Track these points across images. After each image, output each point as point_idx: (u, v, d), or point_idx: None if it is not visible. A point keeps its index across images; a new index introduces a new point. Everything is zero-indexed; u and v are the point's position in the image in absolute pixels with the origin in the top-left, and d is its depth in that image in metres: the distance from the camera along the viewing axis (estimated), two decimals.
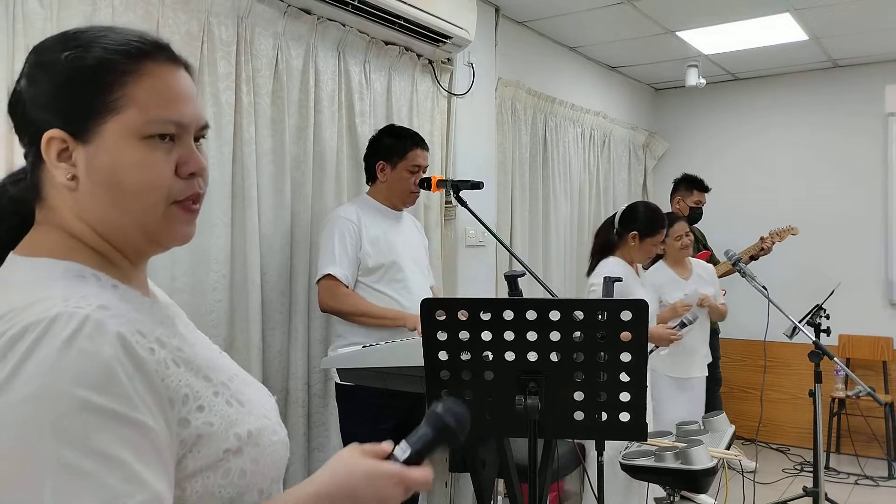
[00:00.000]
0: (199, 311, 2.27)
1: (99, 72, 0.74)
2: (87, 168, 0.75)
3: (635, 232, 3.06)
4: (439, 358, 1.51)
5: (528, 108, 3.97)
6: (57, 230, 0.77)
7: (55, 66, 0.75)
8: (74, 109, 0.75)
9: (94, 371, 0.63)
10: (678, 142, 5.53)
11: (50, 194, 0.78)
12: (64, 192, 0.76)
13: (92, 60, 0.75)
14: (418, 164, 2.54)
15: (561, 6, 3.69)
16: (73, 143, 0.74)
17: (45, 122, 0.74)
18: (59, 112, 0.75)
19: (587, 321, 1.47)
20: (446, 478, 3.10)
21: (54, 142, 0.74)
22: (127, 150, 0.75)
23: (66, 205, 0.77)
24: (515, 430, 1.49)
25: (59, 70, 0.75)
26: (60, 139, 0.74)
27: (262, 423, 0.81)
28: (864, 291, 4.72)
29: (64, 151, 0.75)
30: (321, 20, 2.66)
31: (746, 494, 3.08)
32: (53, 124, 0.74)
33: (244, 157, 2.39)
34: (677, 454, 2.27)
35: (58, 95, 0.75)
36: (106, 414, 0.63)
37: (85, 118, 0.75)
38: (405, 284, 2.48)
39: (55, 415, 0.61)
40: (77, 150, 0.75)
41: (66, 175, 0.75)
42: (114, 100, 0.74)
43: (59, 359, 0.63)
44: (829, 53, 4.60)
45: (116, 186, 0.75)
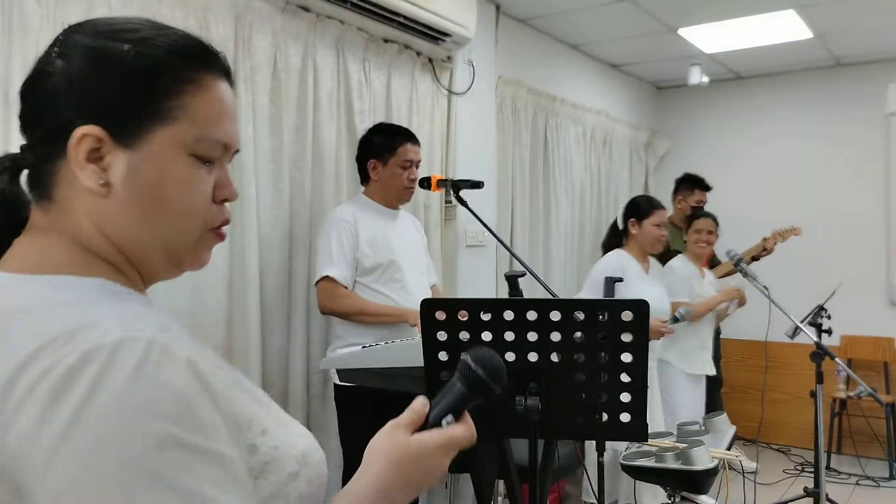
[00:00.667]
0: (197, 312, 2.26)
1: (158, 74, 0.67)
2: (127, 176, 0.67)
3: (633, 219, 3.14)
4: (439, 358, 1.50)
5: (528, 106, 3.95)
6: (67, 240, 0.68)
7: (112, 56, 0.66)
8: (124, 109, 0.66)
9: (169, 401, 0.57)
10: (680, 141, 5.52)
11: (65, 196, 0.68)
12: (87, 197, 0.67)
13: (153, 60, 0.67)
14: (409, 158, 2.52)
15: (562, 4, 3.68)
16: (109, 145, 0.66)
17: (80, 114, 0.66)
18: (103, 108, 0.66)
19: (588, 321, 1.46)
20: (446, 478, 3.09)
21: (87, 139, 0.65)
22: (175, 164, 0.68)
23: (86, 211, 0.68)
24: (516, 430, 1.48)
25: (116, 62, 0.66)
26: (96, 137, 0.66)
27: (308, 440, 0.75)
28: (866, 292, 4.71)
29: (94, 152, 0.66)
30: (320, 17, 2.65)
31: (747, 495, 3.07)
32: (90, 119, 0.65)
33: (242, 157, 2.38)
34: (678, 455, 2.26)
35: (107, 89, 0.66)
36: (188, 448, 0.56)
37: (134, 121, 0.67)
38: (403, 284, 2.47)
39: (135, 455, 0.54)
40: (114, 154, 0.66)
41: (96, 179, 0.66)
42: (168, 108, 0.67)
43: (131, 391, 0.55)
44: (832, 52, 4.59)
45: (158, 202, 0.68)
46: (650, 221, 3.11)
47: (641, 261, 3.15)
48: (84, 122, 0.65)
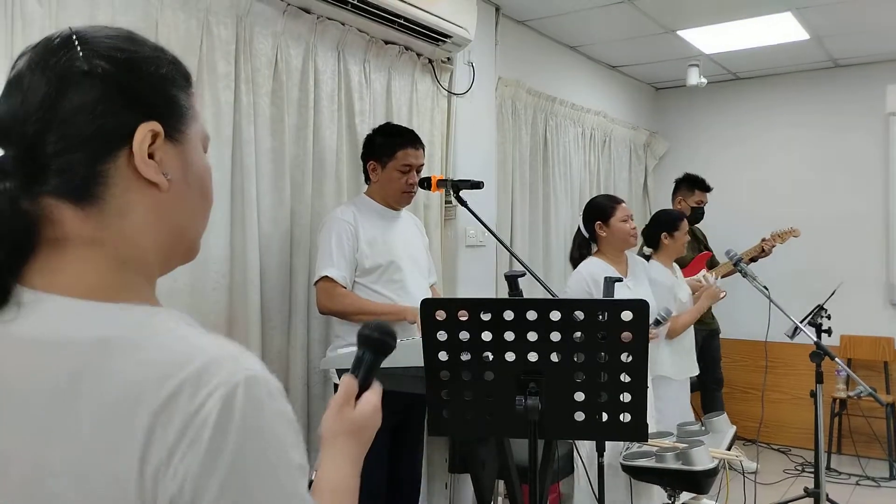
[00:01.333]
0: (198, 312, 2.26)
1: (181, 77, 0.75)
2: (184, 169, 0.73)
3: (598, 221, 2.95)
4: (439, 358, 1.50)
5: (528, 107, 3.96)
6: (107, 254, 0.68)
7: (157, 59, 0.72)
8: (172, 107, 0.72)
9: (292, 432, 0.65)
10: (679, 141, 5.52)
11: (117, 196, 0.68)
12: (145, 193, 0.70)
13: (176, 65, 0.75)
14: (409, 163, 2.49)
15: (561, 5, 3.69)
16: (161, 141, 0.70)
17: (136, 114, 0.69)
18: (155, 106, 0.71)
19: (588, 321, 1.46)
20: (446, 478, 3.09)
21: (148, 135, 0.69)
22: (203, 156, 0.77)
23: (144, 208, 0.70)
24: (516, 430, 1.48)
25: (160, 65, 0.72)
26: (154, 133, 0.69)
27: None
28: (866, 292, 4.72)
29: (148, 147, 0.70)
30: (320, 19, 2.66)
31: (747, 495, 3.07)
32: (145, 118, 0.69)
33: (243, 158, 2.38)
34: (678, 455, 2.27)
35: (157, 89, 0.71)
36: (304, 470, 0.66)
37: (180, 117, 0.73)
38: (402, 285, 2.47)
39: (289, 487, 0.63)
40: (164, 149, 0.70)
41: (162, 174, 0.70)
42: (190, 107, 0.75)
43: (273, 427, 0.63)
44: (830, 53, 4.59)
45: (203, 190, 0.77)
46: (617, 219, 2.94)
47: (617, 263, 2.97)
48: (140, 120, 0.69)
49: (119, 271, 0.69)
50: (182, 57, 0.78)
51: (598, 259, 2.96)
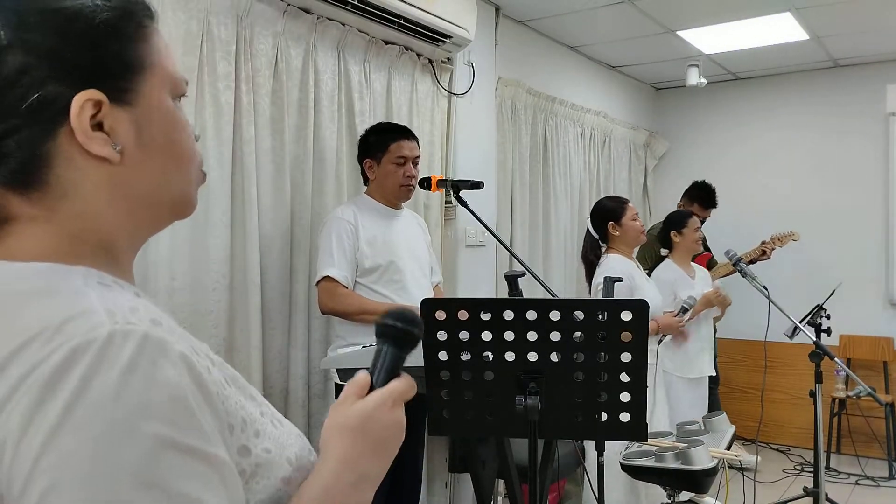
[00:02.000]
0: (198, 311, 2.26)
1: (128, 21, 0.64)
2: (137, 134, 0.64)
3: (611, 222, 3.13)
4: (439, 358, 1.50)
5: (528, 107, 3.96)
6: (57, 227, 0.62)
7: (83, 12, 0.61)
8: (112, 66, 0.62)
9: (164, 401, 0.54)
10: (679, 142, 5.53)
11: (62, 177, 0.61)
12: (94, 170, 0.62)
13: (120, 9, 0.64)
14: (403, 155, 2.50)
15: (561, 5, 3.69)
16: (107, 108, 0.62)
17: (67, 82, 0.60)
18: (92, 70, 0.61)
19: (587, 321, 1.47)
20: (446, 478, 3.09)
21: (88, 106, 0.60)
22: (169, 109, 0.67)
23: (95, 186, 0.63)
24: (515, 430, 1.48)
25: (86, 20, 0.61)
26: (95, 102, 0.61)
27: (301, 441, 0.72)
28: (865, 291, 4.72)
29: (92, 118, 0.61)
30: (321, 19, 2.66)
31: (747, 495, 3.08)
32: (81, 85, 0.60)
33: (244, 157, 2.38)
34: (678, 454, 2.27)
35: (90, 49, 0.61)
36: (184, 451, 0.54)
37: (125, 76, 0.63)
38: (403, 285, 2.47)
39: (128, 459, 0.51)
40: (113, 116, 0.62)
41: (111, 146, 0.62)
42: (144, 55, 0.65)
43: (124, 389, 0.52)
44: (829, 53, 4.60)
45: (170, 151, 0.67)
46: (627, 217, 3.13)
47: (631, 259, 3.18)
48: (77, 89, 0.60)
49: (70, 243, 0.63)
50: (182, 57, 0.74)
51: (617, 254, 3.14)
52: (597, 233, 3.19)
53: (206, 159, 2.25)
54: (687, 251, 3.63)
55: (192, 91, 2.22)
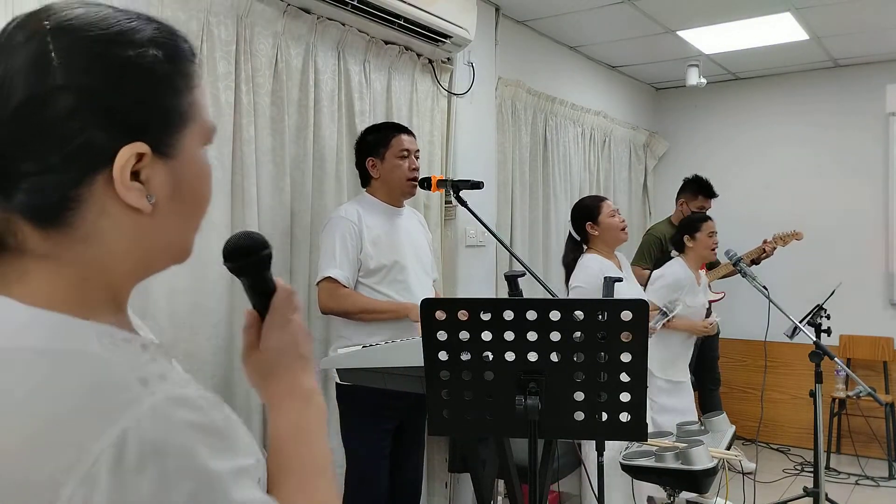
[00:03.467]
0: (198, 311, 2.26)
1: (178, 76, 0.64)
2: (173, 187, 0.64)
3: (589, 222, 3.04)
4: (439, 358, 1.50)
5: (528, 107, 3.97)
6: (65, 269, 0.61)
7: (143, 64, 0.61)
8: (160, 120, 0.62)
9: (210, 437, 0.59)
10: (679, 141, 5.53)
11: (89, 222, 0.61)
12: (123, 218, 0.62)
13: (174, 60, 0.63)
14: (405, 148, 2.51)
15: (561, 5, 3.69)
16: (148, 159, 0.61)
17: (115, 132, 0.60)
18: (141, 122, 0.61)
19: (587, 321, 1.47)
20: (446, 478, 3.09)
21: (132, 158, 0.60)
22: (202, 160, 0.68)
23: (120, 234, 0.62)
24: (515, 430, 1.49)
25: (142, 70, 0.61)
26: (138, 155, 0.60)
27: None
28: (865, 291, 4.72)
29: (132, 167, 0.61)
30: (321, 19, 2.66)
31: (747, 495, 3.08)
32: (129, 136, 0.60)
33: (244, 157, 2.39)
34: (678, 454, 2.27)
35: (145, 101, 0.61)
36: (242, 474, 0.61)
37: (171, 130, 0.63)
38: (406, 285, 2.47)
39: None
40: (151, 167, 0.62)
41: (146, 199, 0.62)
42: (188, 107, 0.65)
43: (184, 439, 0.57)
44: (829, 53, 4.60)
45: (197, 202, 0.68)
46: (605, 215, 3.03)
47: (611, 259, 3.07)
48: (124, 140, 0.60)
49: (80, 289, 0.62)
50: None
51: (594, 254, 3.04)
52: (578, 234, 3.11)
53: None
54: (699, 258, 3.53)
55: None
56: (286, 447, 0.74)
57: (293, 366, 0.78)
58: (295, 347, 0.78)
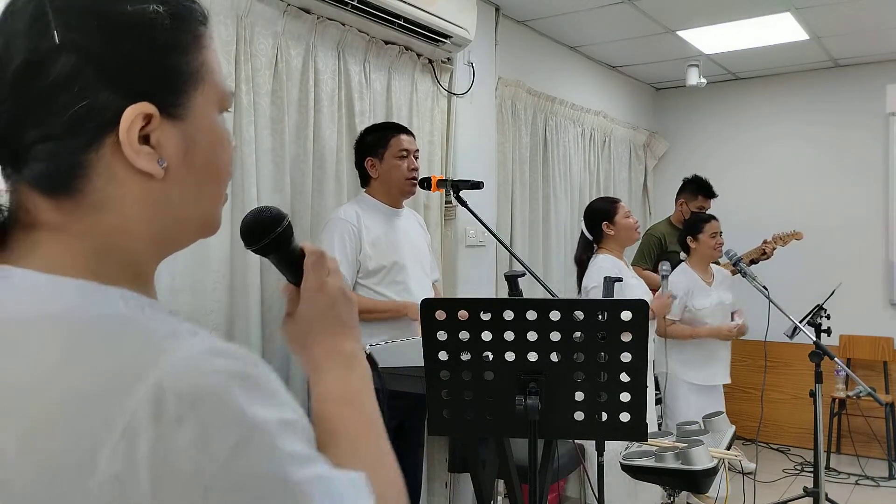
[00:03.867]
0: (198, 312, 2.26)
1: (187, 32, 0.62)
2: (185, 150, 0.61)
3: (605, 221, 3.12)
4: (439, 358, 1.50)
5: (528, 107, 3.97)
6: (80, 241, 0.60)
7: (144, 21, 0.59)
8: (168, 78, 0.60)
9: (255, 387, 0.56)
10: (679, 141, 5.53)
11: (100, 189, 0.59)
12: (134, 184, 0.60)
13: (180, 18, 0.61)
14: (404, 148, 2.52)
15: (561, 5, 3.69)
16: (157, 121, 0.59)
17: (120, 93, 0.58)
18: (148, 81, 0.59)
19: (587, 321, 1.47)
20: (446, 478, 3.09)
21: (139, 119, 0.58)
22: (216, 125, 0.65)
23: (132, 201, 0.60)
24: (515, 430, 1.49)
25: (150, 27, 0.59)
26: (146, 116, 0.58)
27: None
28: (865, 291, 4.72)
29: (141, 131, 0.59)
30: (321, 19, 2.66)
31: (747, 495, 3.08)
32: (135, 97, 0.58)
33: (244, 157, 2.39)
34: (678, 454, 2.27)
35: (148, 60, 0.59)
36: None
37: (179, 89, 0.61)
38: (406, 286, 2.47)
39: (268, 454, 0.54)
40: (162, 130, 0.60)
41: (157, 161, 0.59)
42: (198, 66, 0.62)
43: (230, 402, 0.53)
44: (829, 53, 4.60)
45: (210, 169, 0.65)
46: (620, 216, 3.12)
47: (621, 258, 3.16)
48: (129, 100, 0.58)
49: (97, 260, 0.60)
50: None
51: (607, 255, 3.12)
52: (591, 234, 3.18)
53: None
54: (703, 257, 3.59)
55: None
56: (331, 412, 0.70)
57: (332, 330, 0.75)
58: (333, 311, 0.75)
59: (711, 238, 3.55)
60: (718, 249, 3.56)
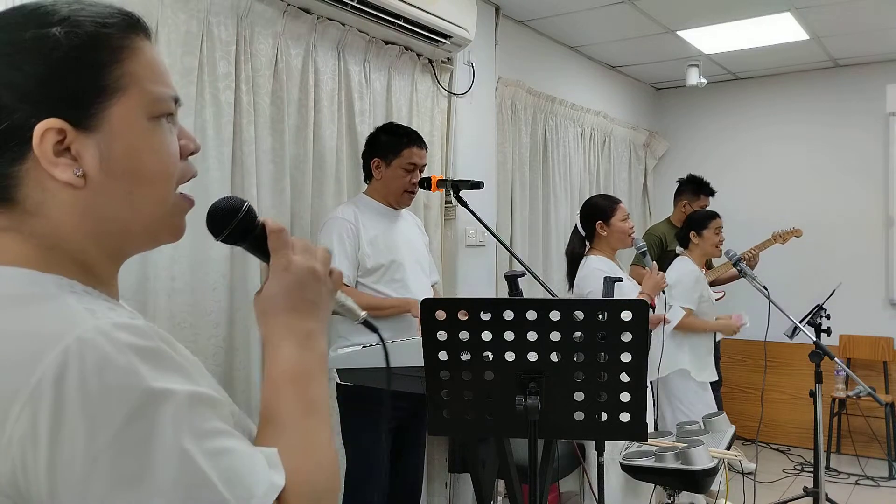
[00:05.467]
0: (198, 312, 2.26)
1: (97, 48, 0.65)
2: (100, 160, 0.65)
3: (600, 221, 3.01)
4: (439, 358, 1.50)
5: (528, 107, 3.97)
6: (29, 239, 0.66)
7: (45, 44, 0.63)
8: (75, 94, 0.64)
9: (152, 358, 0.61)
10: (679, 141, 5.53)
11: (30, 197, 0.65)
12: (61, 193, 0.65)
13: (87, 36, 0.65)
14: (413, 162, 2.51)
15: (561, 5, 3.69)
16: (73, 134, 0.64)
17: (31, 111, 0.63)
18: (54, 98, 0.63)
19: (587, 321, 1.47)
20: (446, 478, 3.09)
21: (50, 133, 0.63)
22: (140, 133, 0.68)
23: (62, 208, 0.65)
24: (515, 430, 1.48)
25: (51, 48, 0.63)
26: (58, 130, 0.63)
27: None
28: (865, 291, 4.72)
29: (58, 144, 0.64)
30: (321, 19, 2.66)
31: (747, 495, 3.08)
32: (45, 113, 0.63)
33: (244, 157, 2.38)
34: (678, 454, 2.27)
35: (51, 79, 0.63)
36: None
37: (88, 103, 0.65)
38: (404, 284, 2.47)
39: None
40: (79, 142, 0.64)
41: (73, 171, 0.64)
42: (115, 79, 0.66)
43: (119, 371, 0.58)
44: (829, 53, 4.60)
45: (136, 175, 0.68)
46: (617, 218, 3.01)
47: (613, 260, 3.06)
48: (40, 117, 0.63)
49: (42, 255, 0.66)
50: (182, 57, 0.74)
51: (600, 255, 3.01)
52: (584, 230, 3.07)
53: (205, 159, 2.25)
54: (703, 254, 3.58)
55: (192, 91, 2.22)
56: (272, 390, 0.73)
57: (294, 307, 0.76)
58: (297, 289, 0.77)
59: (715, 235, 3.54)
60: (719, 246, 3.55)
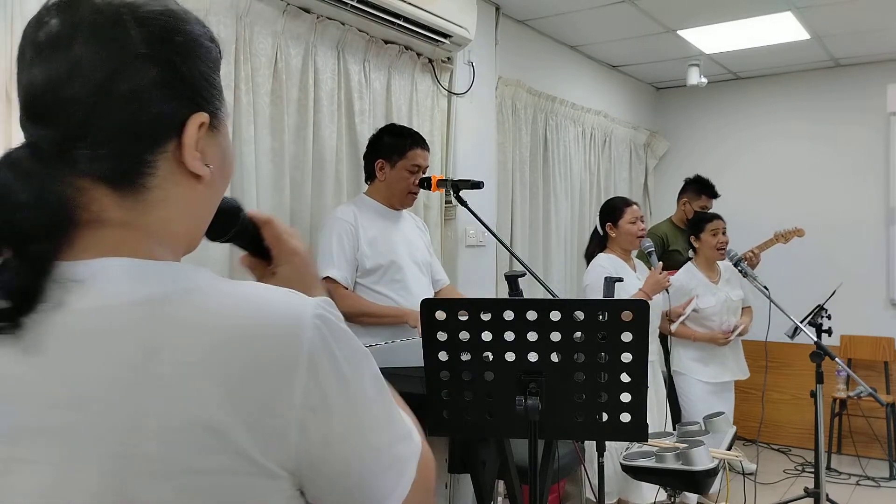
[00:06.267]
0: None
1: (218, 53, 0.70)
2: (222, 156, 0.70)
3: (609, 222, 3.14)
4: (439, 358, 1.50)
5: (528, 107, 3.96)
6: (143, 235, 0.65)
7: (201, 43, 0.67)
8: (214, 95, 0.68)
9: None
10: (679, 141, 5.52)
11: (161, 187, 0.65)
12: (186, 184, 0.67)
13: (214, 40, 0.70)
14: (418, 163, 2.51)
15: (562, 5, 3.69)
16: (205, 130, 0.67)
17: (187, 104, 0.65)
18: (203, 95, 0.67)
19: (588, 321, 1.46)
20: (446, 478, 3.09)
21: (203, 126, 0.66)
22: (228, 136, 0.73)
23: (177, 202, 0.66)
24: (516, 430, 1.48)
25: (205, 48, 0.67)
26: (202, 124, 0.66)
27: None
28: (866, 291, 4.71)
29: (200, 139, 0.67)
30: (320, 19, 2.65)
31: (748, 495, 3.07)
32: (194, 107, 0.65)
33: (243, 157, 2.38)
34: (678, 455, 2.26)
35: (205, 74, 0.67)
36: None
37: (220, 102, 0.69)
38: (404, 284, 2.47)
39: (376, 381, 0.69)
40: (207, 138, 0.67)
41: (205, 165, 0.67)
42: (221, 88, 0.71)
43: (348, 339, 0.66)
44: (830, 53, 4.59)
45: (227, 178, 0.73)
46: (625, 220, 3.11)
47: (626, 260, 3.16)
48: (192, 109, 0.65)
49: (155, 248, 0.66)
50: None
51: (609, 255, 3.12)
52: (601, 230, 3.21)
53: None
54: (705, 258, 3.61)
55: None
56: None
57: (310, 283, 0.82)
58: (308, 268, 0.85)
59: (713, 237, 3.55)
60: (721, 248, 3.55)
